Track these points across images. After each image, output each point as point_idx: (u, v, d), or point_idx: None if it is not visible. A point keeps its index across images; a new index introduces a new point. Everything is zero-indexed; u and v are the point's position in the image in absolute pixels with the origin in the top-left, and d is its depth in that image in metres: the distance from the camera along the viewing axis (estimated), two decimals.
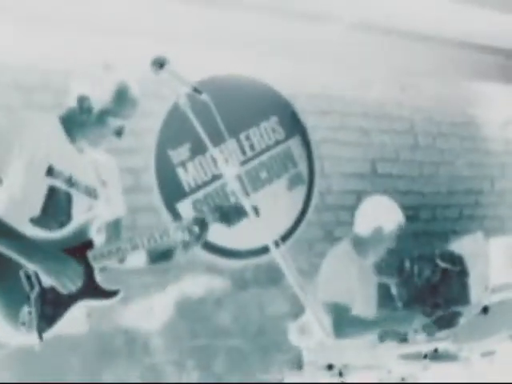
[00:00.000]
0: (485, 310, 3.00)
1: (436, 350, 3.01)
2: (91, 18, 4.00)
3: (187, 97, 2.47)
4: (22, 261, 2.55)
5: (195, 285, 4.53)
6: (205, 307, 4.59)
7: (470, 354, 2.72)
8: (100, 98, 2.73)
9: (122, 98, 2.74)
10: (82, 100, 2.75)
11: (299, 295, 2.42)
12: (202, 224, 2.86)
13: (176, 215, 4.44)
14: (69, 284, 2.60)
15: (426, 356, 2.94)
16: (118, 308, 4.01)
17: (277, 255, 2.43)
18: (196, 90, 2.45)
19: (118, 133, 2.79)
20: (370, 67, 5.25)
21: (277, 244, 2.51)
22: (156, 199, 4.50)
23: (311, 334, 2.85)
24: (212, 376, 4.49)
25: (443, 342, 3.26)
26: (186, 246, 2.90)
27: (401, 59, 5.34)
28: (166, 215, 4.49)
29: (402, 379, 2.81)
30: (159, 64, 2.48)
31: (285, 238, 4.93)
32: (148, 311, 4.32)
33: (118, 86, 2.74)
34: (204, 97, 2.44)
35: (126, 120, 2.79)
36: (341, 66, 5.16)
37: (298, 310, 4.71)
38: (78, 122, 2.77)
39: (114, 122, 2.76)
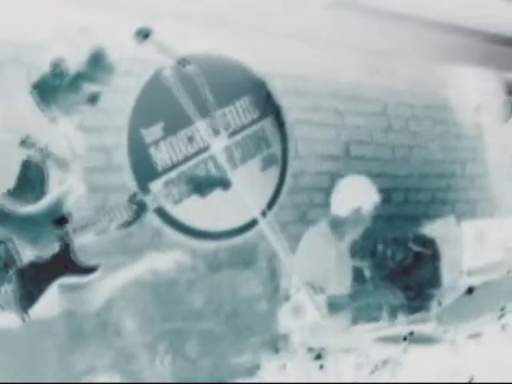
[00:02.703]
0: (470, 290, 2.98)
1: (412, 333, 2.99)
2: None
3: (172, 69, 2.39)
4: None
5: (167, 266, 4.46)
6: (177, 289, 4.52)
7: (456, 336, 2.70)
8: (75, 62, 2.61)
9: (98, 62, 2.63)
10: (55, 63, 2.62)
11: (291, 274, 2.36)
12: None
13: None
14: (46, 248, 2.51)
15: (405, 338, 2.91)
16: (89, 290, 3.93)
17: (267, 231, 2.37)
18: (183, 61, 2.37)
19: (93, 99, 2.67)
20: (345, 48, 5.20)
21: (263, 213, 2.46)
22: (128, 179, 4.41)
23: (305, 315, 2.80)
24: (185, 359, 4.43)
25: (422, 324, 3.24)
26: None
27: (375, 40, 5.29)
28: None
29: (384, 362, 2.77)
30: (144, 34, 2.39)
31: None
32: (119, 293, 4.23)
33: (95, 50, 2.63)
34: (191, 68, 2.35)
35: (103, 86, 2.68)
36: (316, 46, 5.10)
37: (271, 292, 4.70)
38: (51, 87, 2.64)
39: (88, 88, 2.64)
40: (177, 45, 4.24)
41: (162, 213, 4.42)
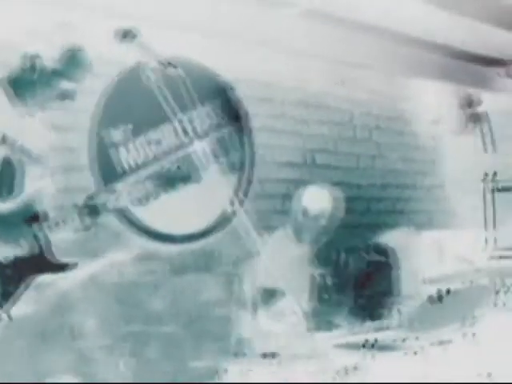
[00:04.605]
0: (439, 298, 3.03)
1: (376, 340, 3.02)
2: None
3: (155, 70, 2.40)
4: None
5: (128, 269, 4.43)
6: (138, 292, 4.49)
7: (424, 343, 2.73)
8: (50, 58, 2.64)
9: (74, 60, 2.66)
10: (31, 58, 2.65)
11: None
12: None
13: None
14: (22, 246, 2.49)
15: (372, 345, 2.94)
16: (53, 291, 3.88)
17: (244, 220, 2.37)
18: (170, 63, 2.40)
19: (68, 96, 2.69)
20: (312, 57, 5.24)
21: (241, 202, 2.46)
22: (93, 179, 4.37)
23: (285, 319, 2.81)
24: (145, 363, 4.40)
25: (384, 331, 3.28)
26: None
27: (342, 50, 5.34)
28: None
29: (348, 368, 2.79)
30: (130, 36, 2.42)
31: (222, 224, 4.87)
32: (79, 294, 4.18)
33: (71, 48, 2.65)
34: (178, 71, 2.38)
35: (77, 84, 2.70)
36: (283, 54, 5.13)
37: (233, 297, 4.70)
38: (27, 81, 2.67)
39: (63, 85, 2.66)
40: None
41: (124, 214, 4.39)
